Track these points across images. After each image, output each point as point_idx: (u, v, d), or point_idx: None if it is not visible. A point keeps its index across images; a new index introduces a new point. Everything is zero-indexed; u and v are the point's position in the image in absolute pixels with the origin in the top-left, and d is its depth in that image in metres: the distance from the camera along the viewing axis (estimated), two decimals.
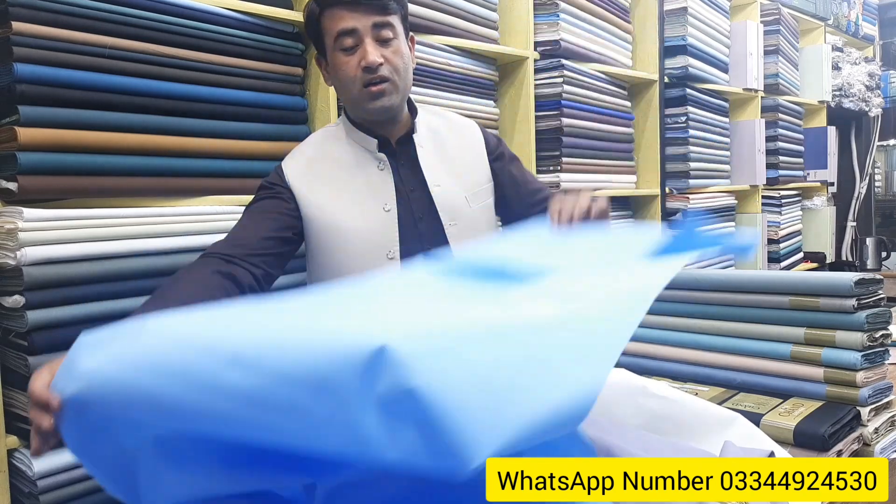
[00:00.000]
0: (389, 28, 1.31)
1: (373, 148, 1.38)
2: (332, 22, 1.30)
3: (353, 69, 1.30)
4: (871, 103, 4.51)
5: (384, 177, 1.37)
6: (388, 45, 1.31)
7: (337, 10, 1.29)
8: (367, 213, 1.34)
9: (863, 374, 1.26)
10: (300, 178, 1.37)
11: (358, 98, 1.33)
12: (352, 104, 1.37)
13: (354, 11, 1.28)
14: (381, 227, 1.33)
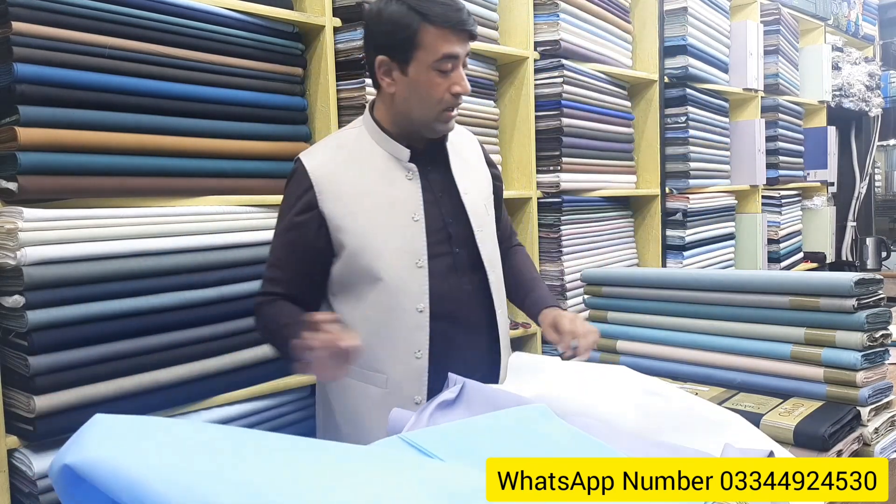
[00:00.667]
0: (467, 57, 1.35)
1: (404, 157, 1.38)
2: (438, 42, 1.28)
3: (442, 92, 1.31)
4: (871, 103, 4.51)
5: (413, 187, 1.37)
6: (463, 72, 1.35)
7: (445, 31, 1.27)
8: (396, 223, 1.35)
9: (863, 374, 1.26)
10: (328, 183, 1.35)
11: (435, 118, 1.34)
12: (419, 119, 1.35)
13: (460, 37, 1.29)
14: (411, 237, 1.36)
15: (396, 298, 1.34)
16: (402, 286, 1.34)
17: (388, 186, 1.37)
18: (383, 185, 1.37)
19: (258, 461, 0.74)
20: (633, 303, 1.60)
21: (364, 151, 1.39)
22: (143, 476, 0.66)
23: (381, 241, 1.34)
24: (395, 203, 1.36)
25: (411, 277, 1.34)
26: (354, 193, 1.35)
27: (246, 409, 1.71)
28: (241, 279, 1.68)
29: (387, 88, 1.34)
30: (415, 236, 1.36)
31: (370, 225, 1.35)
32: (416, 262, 1.35)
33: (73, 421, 1.37)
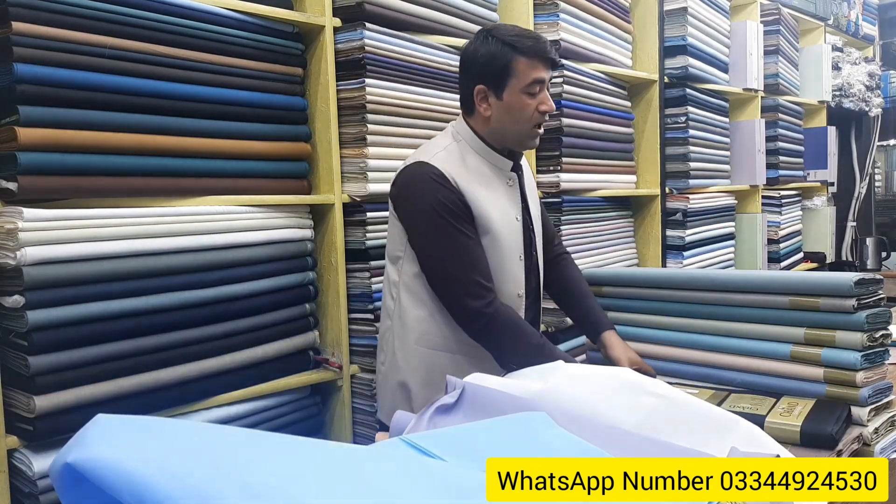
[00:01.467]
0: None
1: (507, 168, 1.61)
2: (529, 70, 1.52)
3: (532, 111, 1.54)
4: (870, 103, 4.51)
5: (514, 192, 1.63)
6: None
7: (536, 61, 1.52)
8: (508, 219, 1.59)
9: (863, 374, 1.26)
10: (465, 187, 1.53)
11: (526, 134, 1.57)
12: (513, 136, 1.58)
13: (545, 65, 1.54)
14: (517, 233, 1.61)
15: (507, 285, 1.58)
16: (511, 275, 1.59)
17: (499, 188, 1.60)
18: (496, 186, 1.59)
19: (259, 461, 0.74)
20: (633, 303, 1.61)
21: (476, 159, 1.59)
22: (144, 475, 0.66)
23: (500, 235, 1.57)
24: (504, 205, 1.59)
25: (517, 268, 1.60)
26: (479, 192, 1.55)
27: (246, 409, 1.71)
28: (241, 279, 1.68)
29: (483, 112, 1.57)
30: (518, 233, 1.61)
31: (492, 221, 1.55)
32: (518, 256, 1.61)
33: (73, 421, 1.37)
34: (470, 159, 1.58)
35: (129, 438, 0.72)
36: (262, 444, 0.80)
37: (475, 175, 1.56)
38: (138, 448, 0.70)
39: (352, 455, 0.82)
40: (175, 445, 0.73)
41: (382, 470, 0.80)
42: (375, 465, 0.80)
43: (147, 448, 0.70)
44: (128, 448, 0.70)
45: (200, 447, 0.74)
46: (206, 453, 0.72)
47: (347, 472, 0.77)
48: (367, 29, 1.90)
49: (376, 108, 1.93)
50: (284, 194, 1.81)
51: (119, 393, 1.46)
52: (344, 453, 0.83)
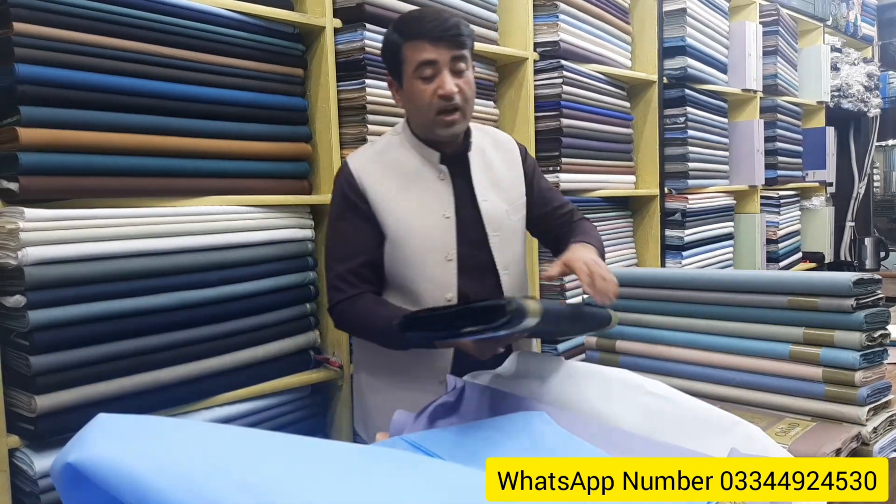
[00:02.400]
0: (464, 60, 1.43)
1: (435, 160, 1.49)
2: (414, 52, 1.40)
3: (429, 96, 1.41)
4: (869, 104, 4.51)
5: (445, 186, 1.49)
6: (462, 76, 1.43)
7: (419, 42, 1.39)
8: (431, 218, 1.47)
9: (861, 373, 1.26)
10: (373, 184, 1.47)
11: (431, 123, 1.44)
12: (423, 126, 1.47)
13: (437, 45, 1.39)
14: (443, 232, 1.47)
15: (426, 288, 1.46)
16: (431, 277, 1.46)
17: (423, 183, 1.49)
18: (418, 181, 1.49)
19: (260, 460, 0.74)
20: (632, 303, 1.61)
21: (403, 152, 1.51)
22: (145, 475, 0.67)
23: (417, 232, 1.46)
24: (429, 201, 1.48)
25: (440, 270, 1.46)
26: (391, 188, 1.47)
27: (246, 408, 1.71)
28: (241, 279, 1.69)
29: (397, 104, 1.51)
30: (446, 232, 1.47)
31: (404, 218, 1.46)
32: (445, 256, 1.47)
33: (74, 420, 1.37)
34: (395, 153, 1.51)
35: (130, 438, 0.72)
36: (263, 443, 0.81)
37: (394, 170, 1.48)
38: (139, 448, 0.70)
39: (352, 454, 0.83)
40: (176, 445, 0.73)
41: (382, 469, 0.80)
42: (376, 465, 0.81)
43: (148, 448, 0.71)
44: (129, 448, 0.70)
45: (201, 447, 0.74)
46: (207, 453, 0.73)
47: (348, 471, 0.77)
48: (367, 30, 1.90)
49: (376, 108, 1.93)
50: (285, 194, 1.82)
51: (120, 392, 1.47)
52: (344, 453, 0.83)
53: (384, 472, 0.80)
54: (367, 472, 0.79)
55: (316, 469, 0.77)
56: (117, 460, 0.67)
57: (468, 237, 1.49)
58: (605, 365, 1.57)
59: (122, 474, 0.67)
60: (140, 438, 0.72)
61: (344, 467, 0.78)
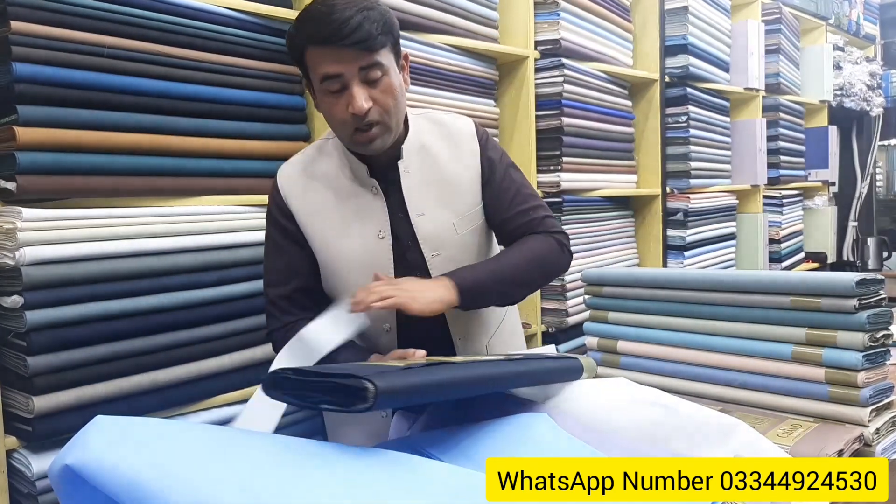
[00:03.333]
0: (377, 67, 1.19)
1: (363, 175, 1.31)
2: (317, 62, 1.19)
3: (341, 112, 1.20)
4: (872, 103, 4.50)
5: (378, 202, 1.31)
6: (377, 84, 1.20)
7: (320, 49, 1.17)
8: (363, 239, 1.31)
9: (864, 374, 1.25)
10: (300, 201, 1.33)
11: (349, 141, 1.26)
12: (343, 141, 1.30)
13: (341, 53, 1.16)
14: (377, 253, 1.31)
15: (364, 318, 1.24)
16: None
17: (353, 201, 1.32)
18: (348, 198, 1.32)
19: (259, 463, 0.74)
20: (633, 303, 1.60)
21: (332, 164, 1.34)
22: (143, 477, 0.66)
23: (346, 255, 1.31)
24: (361, 218, 1.31)
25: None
26: (319, 205, 1.32)
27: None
28: (240, 279, 1.68)
29: (317, 107, 1.29)
30: (381, 253, 1.31)
31: (334, 239, 1.31)
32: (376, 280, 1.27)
33: (72, 421, 1.37)
34: (325, 164, 1.33)
35: (128, 440, 0.71)
36: (262, 445, 0.80)
37: (322, 183, 1.32)
38: (137, 450, 0.70)
39: (351, 456, 0.82)
40: (174, 447, 0.72)
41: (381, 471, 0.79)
42: (374, 466, 0.80)
43: (146, 450, 0.70)
44: (127, 450, 0.69)
45: (199, 449, 0.74)
46: (206, 455, 0.72)
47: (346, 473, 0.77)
48: None
49: None
50: None
51: (118, 393, 1.46)
52: (343, 454, 0.83)
53: (383, 473, 0.79)
54: (366, 473, 0.78)
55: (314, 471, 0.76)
56: (115, 462, 0.67)
57: (407, 259, 1.32)
58: (607, 365, 1.57)
59: (120, 476, 0.66)
60: (138, 440, 0.72)
61: (343, 469, 0.78)
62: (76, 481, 0.68)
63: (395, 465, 0.83)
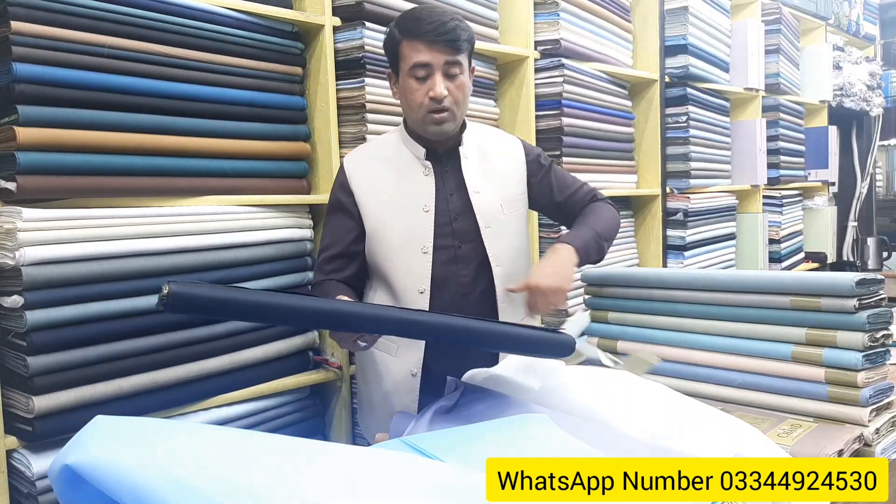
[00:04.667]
0: (457, 66, 1.46)
1: (421, 156, 1.54)
2: (411, 52, 1.44)
3: (421, 96, 1.45)
4: (872, 103, 4.50)
5: (427, 181, 1.53)
6: (455, 79, 1.46)
7: (416, 42, 1.43)
8: (409, 211, 1.51)
9: (864, 374, 1.26)
10: (361, 179, 1.54)
11: (421, 121, 1.48)
12: (413, 121, 1.52)
13: (433, 48, 1.43)
14: (419, 225, 1.50)
15: (402, 279, 1.50)
16: (407, 269, 1.50)
17: (405, 178, 1.53)
18: (402, 176, 1.54)
19: (258, 463, 0.74)
20: (633, 303, 1.60)
21: (394, 148, 1.57)
22: (143, 477, 0.66)
23: (392, 226, 1.51)
24: (410, 194, 1.52)
25: (416, 261, 1.50)
26: (376, 183, 1.54)
27: (246, 409, 1.71)
28: (240, 279, 1.68)
29: (394, 97, 1.55)
30: (423, 225, 1.50)
31: (384, 212, 1.52)
32: (421, 248, 1.50)
33: (72, 421, 1.37)
34: (388, 150, 1.57)
35: (128, 440, 0.71)
36: (262, 445, 0.80)
37: (384, 165, 1.55)
38: (137, 450, 0.70)
39: (351, 456, 0.82)
40: (174, 447, 0.72)
41: (382, 471, 0.79)
42: (375, 467, 0.80)
43: (146, 450, 0.70)
44: (127, 450, 0.69)
45: (199, 449, 0.74)
46: (205, 455, 0.72)
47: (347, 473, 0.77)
48: (366, 28, 1.89)
49: (376, 107, 1.93)
50: (284, 194, 1.81)
51: (118, 393, 1.46)
52: (343, 455, 0.83)
53: (383, 473, 0.79)
54: (366, 473, 0.78)
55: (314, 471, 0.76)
56: (115, 462, 0.67)
57: (453, 228, 1.52)
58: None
59: (120, 476, 0.66)
60: (138, 440, 0.72)
61: (343, 469, 0.78)
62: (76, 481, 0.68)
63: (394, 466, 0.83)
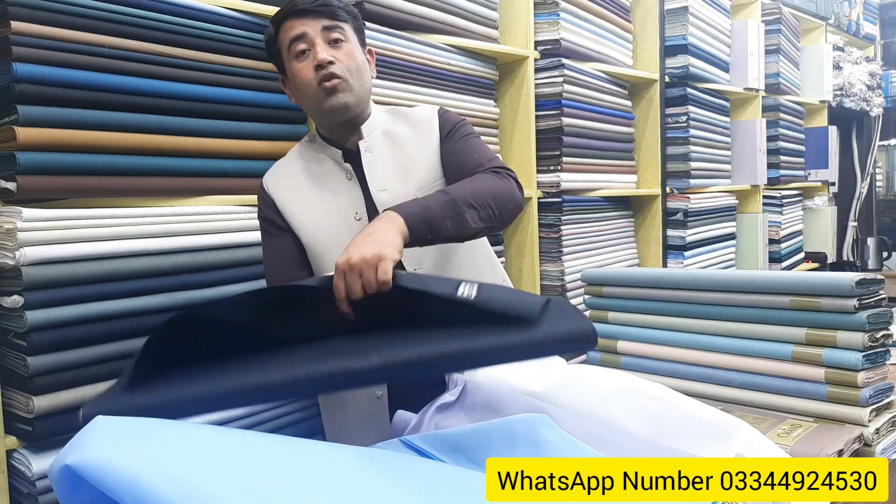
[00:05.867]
0: (338, 31, 1.36)
1: (338, 158, 1.43)
2: (285, 33, 1.37)
3: (307, 72, 1.35)
4: (872, 103, 4.50)
5: (352, 186, 1.41)
6: (339, 46, 1.36)
7: (288, 21, 1.36)
8: (340, 223, 1.39)
9: (864, 374, 1.26)
10: (284, 194, 1.44)
11: (315, 98, 1.36)
12: (314, 111, 1.40)
13: (304, 18, 1.35)
14: (354, 233, 1.23)
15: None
16: None
17: (329, 187, 1.43)
18: (325, 186, 1.43)
19: (259, 461, 0.74)
20: (633, 303, 1.60)
21: (310, 157, 1.46)
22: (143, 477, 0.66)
23: (326, 240, 1.40)
24: (339, 203, 1.41)
25: None
26: (302, 197, 1.42)
27: (246, 409, 1.70)
28: (240, 279, 1.68)
29: (292, 101, 1.45)
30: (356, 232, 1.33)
31: (315, 224, 1.41)
32: None
33: (72, 421, 1.36)
34: (304, 160, 1.46)
35: (128, 440, 0.71)
36: (262, 445, 0.80)
37: (304, 178, 1.44)
38: (138, 450, 0.70)
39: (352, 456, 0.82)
40: (175, 447, 0.72)
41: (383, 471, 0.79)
42: (375, 467, 0.80)
43: (147, 450, 0.70)
44: (127, 450, 0.69)
45: (200, 448, 0.74)
46: (206, 454, 0.72)
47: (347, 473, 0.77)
48: (367, 28, 1.89)
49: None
50: None
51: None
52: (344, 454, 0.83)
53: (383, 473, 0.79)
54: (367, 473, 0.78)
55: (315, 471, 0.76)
56: (116, 462, 0.67)
57: None
58: (607, 366, 1.57)
59: (121, 476, 0.66)
60: (138, 440, 0.72)
61: (343, 469, 0.78)
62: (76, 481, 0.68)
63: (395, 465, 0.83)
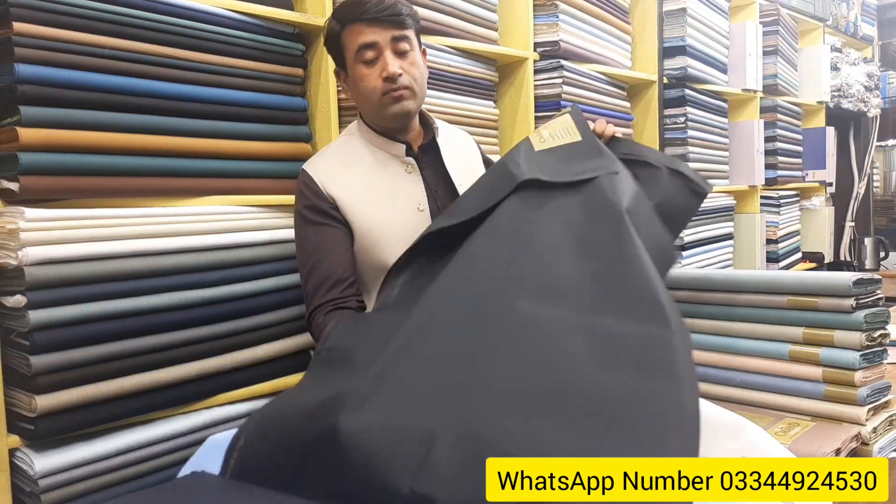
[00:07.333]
0: (406, 41, 1.40)
1: (400, 153, 1.48)
2: (353, 37, 1.38)
3: (374, 80, 1.38)
4: (869, 104, 4.51)
5: (414, 179, 1.47)
6: (406, 56, 1.41)
7: (357, 25, 1.38)
8: (403, 213, 1.44)
9: (861, 373, 1.26)
10: (337, 185, 1.45)
11: (379, 105, 1.41)
12: (373, 113, 1.45)
13: (373, 26, 1.37)
14: (417, 225, 1.41)
15: None
16: None
17: (389, 179, 1.46)
18: (384, 177, 1.46)
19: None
20: None
21: (362, 150, 1.48)
22: None
23: (388, 229, 1.43)
24: (399, 194, 1.45)
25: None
26: (359, 186, 1.44)
27: (246, 408, 1.71)
28: (241, 279, 1.68)
29: (346, 96, 1.50)
30: (421, 225, 1.41)
31: (377, 217, 1.44)
32: None
33: (75, 420, 1.37)
34: (358, 154, 1.48)
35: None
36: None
37: (360, 170, 1.46)
38: None
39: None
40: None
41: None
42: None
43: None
44: None
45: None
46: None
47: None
48: None
49: None
50: (285, 195, 1.82)
51: (120, 392, 1.46)
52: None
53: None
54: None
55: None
56: None
57: None
58: None
59: None
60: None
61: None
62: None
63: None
